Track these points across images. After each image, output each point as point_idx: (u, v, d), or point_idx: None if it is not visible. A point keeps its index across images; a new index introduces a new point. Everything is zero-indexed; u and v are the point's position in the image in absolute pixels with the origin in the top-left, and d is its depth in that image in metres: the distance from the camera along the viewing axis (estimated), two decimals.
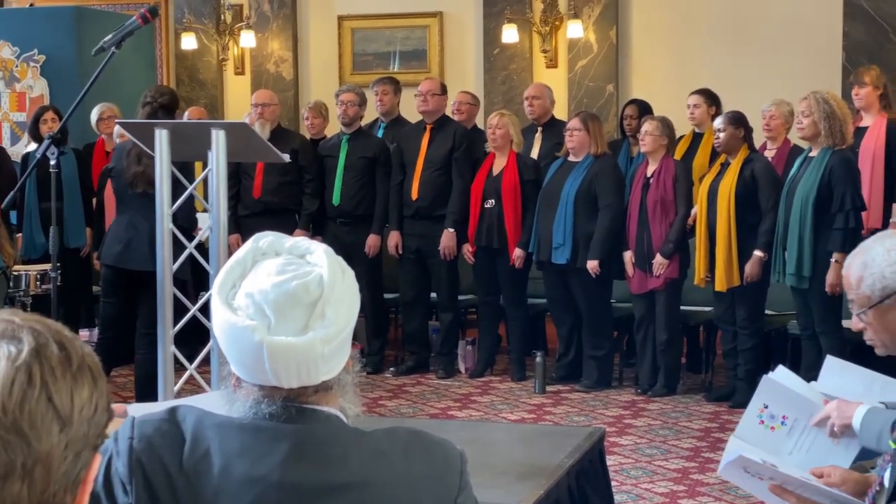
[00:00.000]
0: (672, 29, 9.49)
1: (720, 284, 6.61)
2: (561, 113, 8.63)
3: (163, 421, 1.75)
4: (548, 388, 7.11)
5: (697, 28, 9.40)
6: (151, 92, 5.78)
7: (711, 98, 7.59)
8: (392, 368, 7.72)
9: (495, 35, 9.75)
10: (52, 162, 5.15)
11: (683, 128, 7.59)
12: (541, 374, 7.08)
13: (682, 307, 7.05)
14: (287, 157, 4.90)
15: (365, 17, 10.20)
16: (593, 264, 6.90)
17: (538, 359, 7.08)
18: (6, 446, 1.12)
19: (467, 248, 7.41)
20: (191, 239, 4.90)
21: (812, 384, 3.13)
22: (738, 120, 6.69)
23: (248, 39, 10.29)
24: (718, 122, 6.76)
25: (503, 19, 9.63)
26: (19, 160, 8.19)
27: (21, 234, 7.71)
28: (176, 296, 4.53)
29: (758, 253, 6.51)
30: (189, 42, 10.42)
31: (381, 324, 7.86)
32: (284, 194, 7.63)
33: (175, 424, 1.75)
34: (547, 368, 7.17)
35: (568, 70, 9.66)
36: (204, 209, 5.03)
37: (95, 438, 1.20)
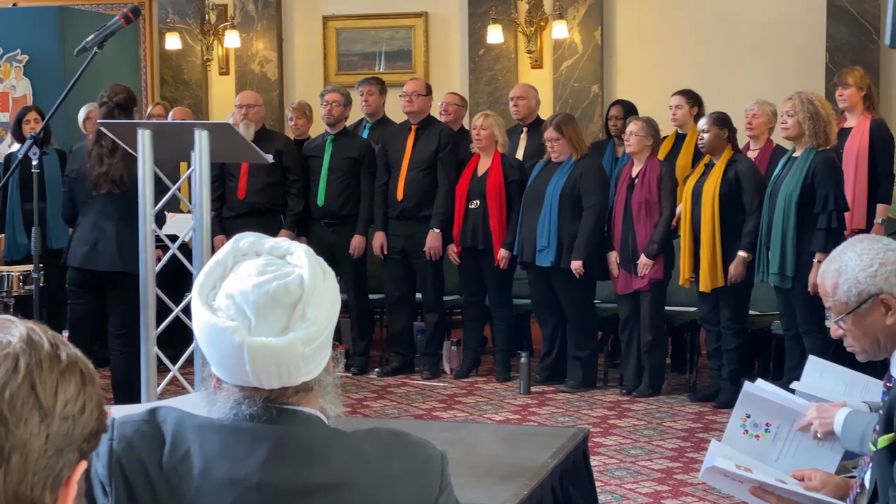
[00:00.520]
0: (657, 30, 9.51)
1: (704, 285, 6.62)
2: (546, 114, 8.63)
3: (143, 422, 1.75)
4: (533, 389, 7.11)
5: (682, 29, 9.42)
6: (107, 91, 5.78)
7: (693, 99, 7.61)
8: (377, 369, 7.72)
9: (480, 35, 9.75)
10: (35, 162, 5.12)
11: (668, 128, 7.61)
12: (526, 375, 7.09)
13: (667, 308, 7.06)
14: (271, 158, 4.89)
15: (350, 18, 10.19)
16: (577, 265, 6.91)
17: (523, 359, 7.09)
18: None
19: (452, 249, 7.41)
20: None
21: (794, 384, 3.15)
22: (723, 121, 6.71)
23: (233, 39, 10.27)
24: (703, 123, 6.77)
25: (488, 20, 9.63)
26: (2, 161, 8.15)
27: (3, 235, 7.68)
28: (159, 296, 4.52)
29: (742, 253, 6.53)
30: (173, 42, 10.40)
31: (366, 324, 7.86)
32: (269, 195, 7.62)
33: (155, 425, 1.74)
34: (532, 369, 7.17)
35: (553, 71, 9.67)
36: (188, 210, 5.02)
37: (82, 441, 1.20)
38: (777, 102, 6.87)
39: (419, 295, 7.68)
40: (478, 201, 7.29)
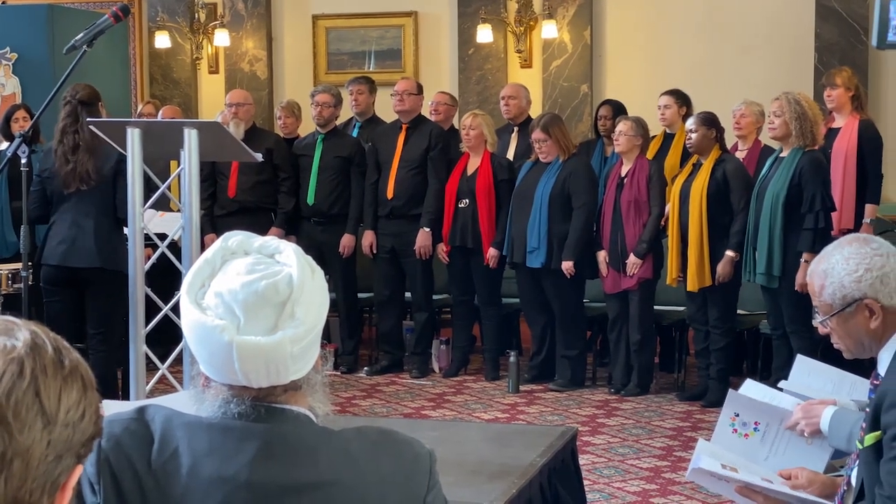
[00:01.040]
0: (646, 30, 9.53)
1: (692, 284, 6.64)
2: (536, 113, 8.64)
3: (131, 420, 1.75)
4: (521, 388, 7.12)
5: (671, 29, 9.45)
6: (70, 90, 5.78)
7: (682, 98, 7.62)
8: (366, 368, 7.72)
9: (470, 35, 9.76)
10: (24, 161, 5.11)
11: (656, 128, 7.63)
12: (514, 374, 7.10)
13: (656, 307, 7.07)
14: (260, 157, 4.89)
15: (339, 17, 10.19)
16: (568, 265, 6.91)
17: (512, 358, 7.10)
18: None
19: (442, 248, 7.41)
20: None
21: (783, 383, 3.16)
22: (710, 120, 6.72)
23: (223, 38, 10.26)
24: (690, 123, 6.79)
25: (478, 19, 9.64)
26: None
27: None
28: (148, 295, 4.52)
29: (729, 253, 6.55)
30: (163, 41, 10.39)
31: (356, 323, 7.86)
32: (260, 193, 7.62)
33: (144, 424, 1.74)
34: (521, 368, 7.18)
35: (542, 70, 9.68)
36: (178, 209, 5.01)
37: (79, 446, 1.20)
38: (765, 102, 6.88)
39: (408, 294, 7.68)
40: (467, 200, 7.29)
